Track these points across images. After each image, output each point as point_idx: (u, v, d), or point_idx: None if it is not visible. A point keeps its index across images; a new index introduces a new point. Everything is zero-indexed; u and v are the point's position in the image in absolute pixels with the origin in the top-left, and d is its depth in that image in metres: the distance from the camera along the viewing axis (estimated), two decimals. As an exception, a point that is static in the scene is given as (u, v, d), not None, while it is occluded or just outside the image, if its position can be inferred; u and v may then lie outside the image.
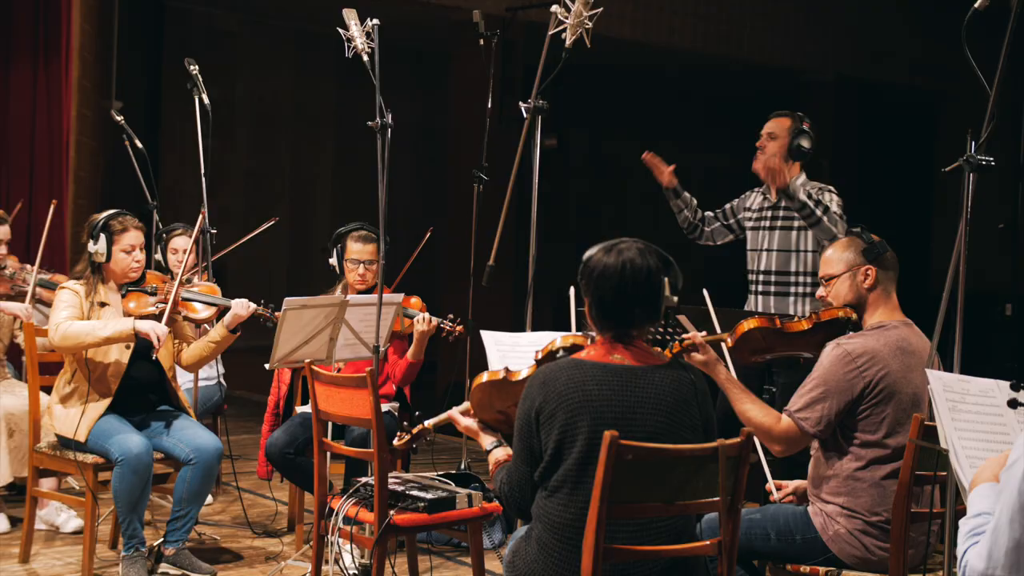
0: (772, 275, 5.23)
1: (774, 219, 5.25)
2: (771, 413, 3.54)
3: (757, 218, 5.32)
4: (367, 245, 5.14)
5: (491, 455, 3.29)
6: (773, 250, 5.22)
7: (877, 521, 3.37)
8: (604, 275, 2.99)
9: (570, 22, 4.24)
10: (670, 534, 2.90)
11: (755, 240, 5.31)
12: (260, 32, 12.76)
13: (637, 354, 2.99)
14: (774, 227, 5.25)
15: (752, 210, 5.36)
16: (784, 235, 5.21)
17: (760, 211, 5.32)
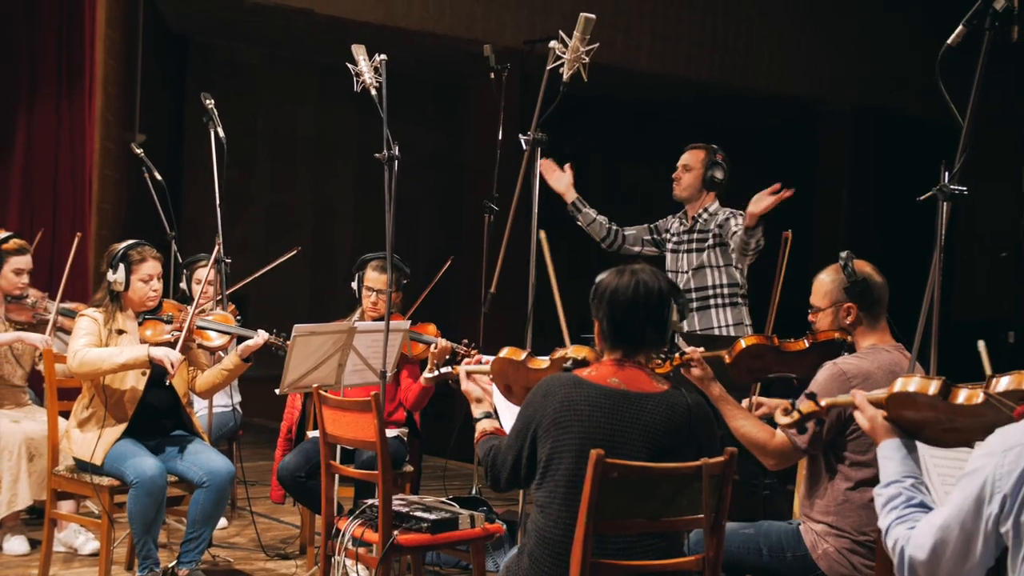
0: (692, 292, 5.44)
1: (689, 242, 5.51)
2: (765, 429, 3.64)
3: (676, 242, 5.59)
4: (383, 275, 5.27)
5: (479, 423, 3.44)
6: (688, 271, 5.47)
7: (865, 540, 3.45)
8: (616, 294, 3.10)
9: (567, 57, 4.37)
10: (657, 550, 2.99)
11: (674, 262, 5.58)
12: (281, 64, 12.97)
13: (638, 379, 3.08)
14: (690, 249, 5.51)
15: (672, 233, 5.63)
16: (697, 255, 5.47)
17: (678, 235, 5.59)
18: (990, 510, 2.07)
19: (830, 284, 3.72)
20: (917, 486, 2.42)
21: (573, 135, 13.64)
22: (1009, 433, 2.10)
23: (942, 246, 2.99)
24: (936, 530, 2.19)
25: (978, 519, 2.10)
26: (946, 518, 2.17)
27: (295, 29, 11.27)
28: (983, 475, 2.10)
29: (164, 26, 11.15)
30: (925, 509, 2.34)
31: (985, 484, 2.09)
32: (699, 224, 5.49)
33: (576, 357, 3.39)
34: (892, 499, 2.41)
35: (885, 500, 2.42)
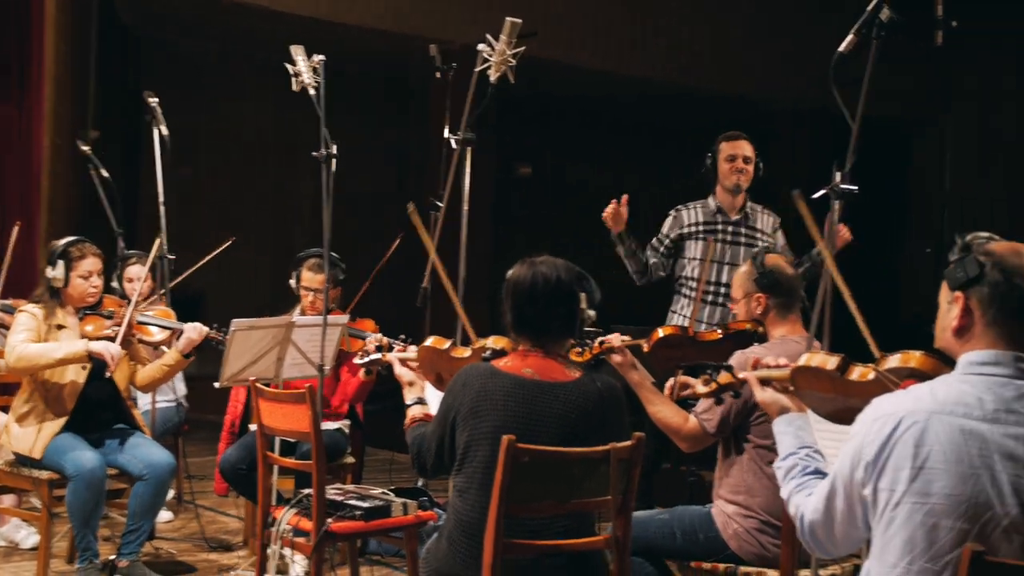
0: (723, 288, 5.34)
1: (738, 235, 5.45)
2: (680, 414, 3.80)
3: (723, 231, 5.44)
4: (318, 274, 5.38)
5: (409, 409, 3.57)
6: (735, 264, 5.29)
7: (772, 520, 3.61)
8: (518, 287, 3.24)
9: (494, 60, 4.50)
10: (567, 531, 3.13)
11: (718, 252, 5.42)
12: (239, 60, 13.01)
13: (551, 368, 3.21)
14: (741, 243, 5.46)
15: (704, 223, 5.46)
16: (746, 251, 5.37)
17: (723, 225, 5.45)
18: (858, 475, 2.23)
19: (743, 276, 3.90)
20: (812, 455, 2.57)
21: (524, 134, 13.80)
22: (880, 403, 2.24)
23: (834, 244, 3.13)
24: (825, 494, 2.34)
25: (852, 484, 2.25)
26: (831, 482, 2.32)
27: (249, 26, 11.33)
28: (855, 442, 2.25)
29: (118, 21, 11.17)
30: (821, 475, 2.48)
31: (856, 451, 2.23)
32: (751, 221, 5.46)
33: (495, 347, 3.53)
34: (790, 470, 2.56)
35: (784, 472, 2.57)
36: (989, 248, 2.26)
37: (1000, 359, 2.20)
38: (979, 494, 2.10)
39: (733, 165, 5.43)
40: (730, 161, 5.44)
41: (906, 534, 2.14)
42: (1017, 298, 2.20)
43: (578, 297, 3.25)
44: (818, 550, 2.43)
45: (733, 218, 5.47)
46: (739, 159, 5.44)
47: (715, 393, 3.05)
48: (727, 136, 5.53)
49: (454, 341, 3.87)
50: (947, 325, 2.30)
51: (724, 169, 5.45)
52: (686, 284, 5.46)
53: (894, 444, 2.17)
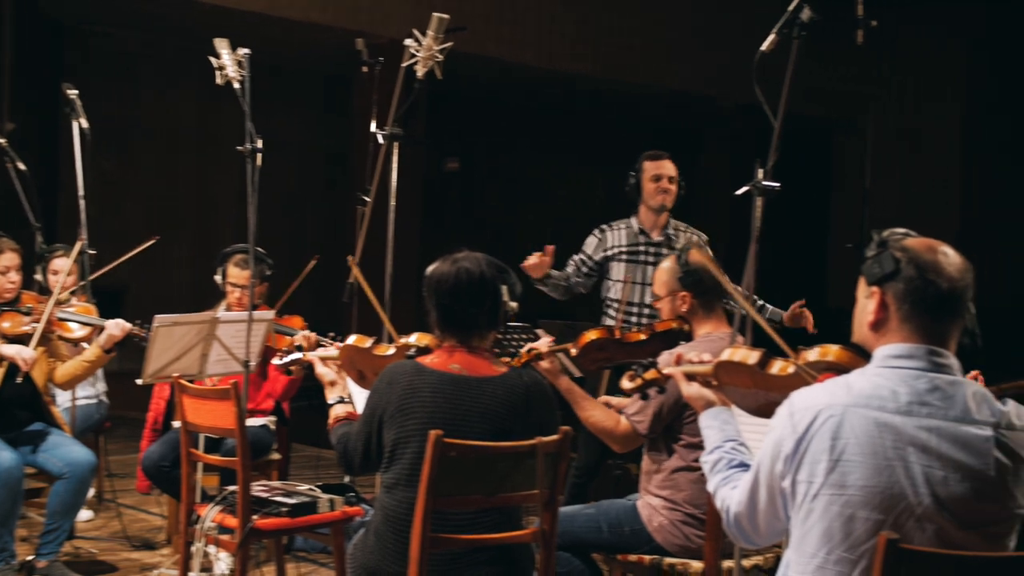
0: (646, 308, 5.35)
1: (658, 256, 5.41)
2: (612, 416, 3.84)
3: (645, 252, 5.45)
4: (244, 270, 5.34)
5: (332, 409, 3.55)
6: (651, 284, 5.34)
7: (697, 513, 3.67)
8: (441, 282, 3.25)
9: (421, 55, 4.50)
10: (495, 525, 3.14)
11: (640, 274, 5.41)
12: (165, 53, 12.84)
13: (477, 363, 3.23)
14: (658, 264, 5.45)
15: (627, 245, 5.47)
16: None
17: (645, 246, 5.46)
18: (778, 468, 2.27)
19: (667, 274, 3.94)
20: (737, 448, 2.61)
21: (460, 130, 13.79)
22: (798, 397, 2.29)
23: (758, 237, 3.19)
24: (748, 487, 2.38)
25: (773, 476, 2.29)
26: (754, 475, 2.36)
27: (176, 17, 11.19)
28: (774, 435, 2.29)
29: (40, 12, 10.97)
30: (746, 468, 2.52)
31: (775, 444, 2.28)
32: (673, 241, 5.45)
33: (419, 345, 3.53)
34: (716, 463, 2.59)
35: (711, 466, 2.61)
36: (905, 244, 2.32)
37: (914, 352, 2.25)
38: (893, 485, 2.15)
39: (658, 185, 5.43)
40: (655, 181, 5.44)
41: (824, 525, 2.19)
42: (931, 293, 2.25)
43: (500, 290, 3.27)
44: (743, 541, 2.48)
45: (655, 239, 5.47)
46: (664, 179, 5.44)
47: (640, 389, 3.09)
48: (650, 156, 5.51)
49: (377, 339, 3.86)
50: (864, 319, 2.35)
51: (649, 189, 5.44)
52: (611, 306, 5.49)
53: (811, 437, 2.22)
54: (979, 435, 2.17)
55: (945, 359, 2.25)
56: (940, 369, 2.24)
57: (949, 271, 2.26)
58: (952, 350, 2.28)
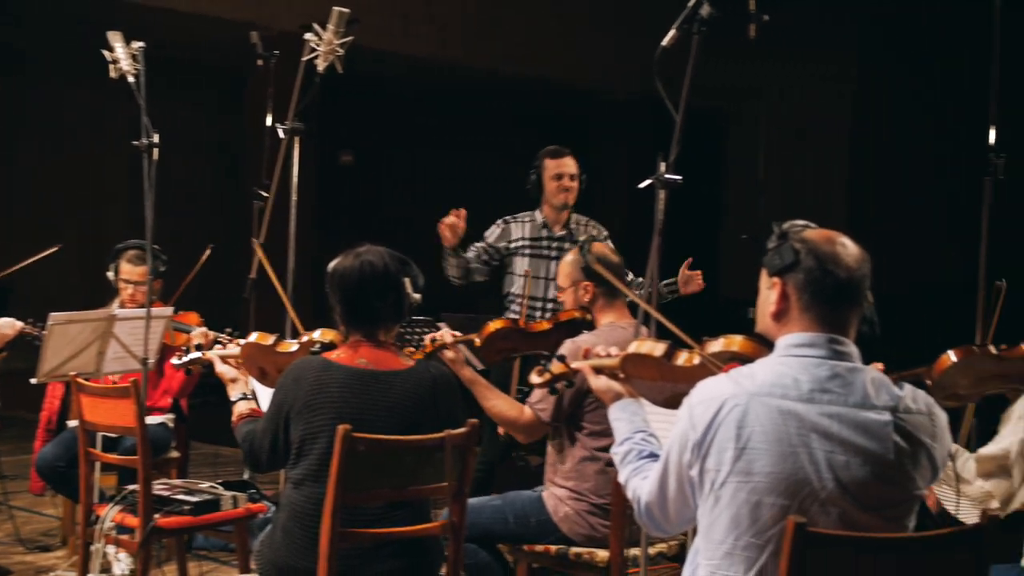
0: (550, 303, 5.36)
1: (560, 250, 5.40)
2: (516, 406, 3.88)
3: (547, 247, 5.46)
4: (138, 267, 5.25)
5: (236, 406, 3.52)
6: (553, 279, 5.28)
7: (601, 503, 3.72)
8: (345, 277, 3.24)
9: (322, 49, 4.48)
10: (404, 518, 3.15)
11: (542, 268, 5.41)
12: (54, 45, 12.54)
13: (383, 357, 3.23)
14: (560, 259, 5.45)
15: (529, 239, 5.46)
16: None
17: (548, 240, 5.46)
18: (686, 457, 2.32)
19: (570, 265, 3.98)
20: (646, 439, 2.65)
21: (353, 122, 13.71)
22: (703, 387, 2.34)
23: (661, 230, 3.24)
24: (658, 476, 2.43)
25: (681, 465, 2.34)
26: (663, 465, 2.41)
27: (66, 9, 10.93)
28: (681, 425, 2.34)
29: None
30: (656, 458, 2.56)
31: (682, 434, 2.32)
32: (576, 235, 5.43)
33: (323, 341, 3.52)
34: (626, 455, 2.63)
35: (621, 457, 2.65)
36: (804, 236, 2.38)
37: (815, 341, 2.32)
38: (798, 471, 2.21)
39: (559, 184, 5.40)
40: (556, 179, 5.41)
41: (731, 512, 2.24)
42: (830, 283, 2.31)
43: (404, 283, 3.28)
44: (655, 529, 2.52)
45: (558, 233, 5.47)
46: (565, 177, 5.41)
47: (549, 383, 3.12)
48: (551, 153, 5.48)
49: (280, 335, 3.82)
50: (766, 310, 2.41)
51: (551, 188, 5.42)
52: (515, 300, 5.50)
53: (718, 426, 2.26)
54: (878, 420, 2.24)
55: (845, 347, 2.32)
56: (840, 357, 2.30)
57: (847, 261, 2.32)
58: (852, 338, 2.34)
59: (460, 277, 5.47)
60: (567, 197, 5.41)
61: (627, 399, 2.76)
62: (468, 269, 5.45)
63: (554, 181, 5.42)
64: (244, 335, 5.37)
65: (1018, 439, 2.87)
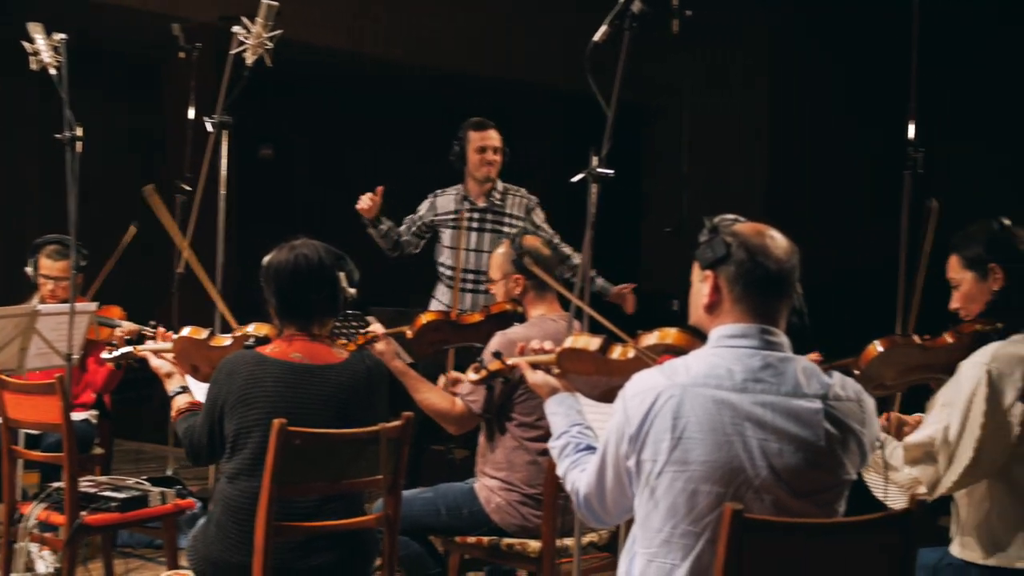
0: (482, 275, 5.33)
1: (491, 222, 5.47)
2: (447, 398, 3.89)
3: (470, 219, 5.46)
4: (58, 262, 5.18)
5: (175, 400, 3.49)
6: (488, 250, 5.35)
7: (533, 493, 3.76)
8: (280, 271, 3.24)
9: (251, 42, 4.45)
10: (339, 511, 3.16)
11: (462, 240, 5.42)
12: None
13: (318, 351, 3.23)
14: (492, 229, 5.48)
15: (452, 212, 5.49)
16: (496, 237, 5.41)
17: (471, 213, 5.46)
18: (623, 449, 2.36)
19: (501, 257, 4.01)
20: (583, 432, 2.69)
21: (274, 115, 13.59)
22: (639, 379, 2.38)
23: (593, 223, 3.29)
24: (595, 469, 2.47)
25: (618, 457, 2.38)
26: (600, 457, 2.45)
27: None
28: (617, 418, 2.38)
29: None
30: (593, 451, 2.60)
31: (619, 426, 2.37)
32: (500, 206, 5.46)
33: (258, 335, 3.51)
34: (564, 448, 2.67)
35: (559, 451, 2.68)
36: (734, 229, 2.43)
37: (747, 332, 2.37)
38: (733, 459, 2.26)
39: (483, 157, 5.42)
40: (479, 152, 5.43)
41: (668, 501, 2.29)
42: (760, 275, 2.37)
43: (338, 277, 3.28)
44: (594, 521, 2.56)
45: (480, 205, 5.49)
46: (488, 150, 5.43)
47: (486, 380, 3.15)
48: (474, 124, 5.49)
49: (212, 330, 3.80)
50: (699, 302, 2.46)
51: (474, 160, 5.44)
52: (444, 272, 5.53)
53: (654, 417, 2.31)
54: (809, 408, 2.30)
55: (776, 337, 2.38)
56: (772, 347, 2.36)
57: (777, 253, 2.38)
58: (782, 328, 2.40)
59: (390, 249, 5.54)
60: (489, 170, 5.44)
61: (563, 393, 2.80)
62: (397, 242, 5.51)
63: (477, 154, 5.44)
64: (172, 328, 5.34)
65: (943, 426, 2.96)
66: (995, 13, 8.33)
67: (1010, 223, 3.11)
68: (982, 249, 3.10)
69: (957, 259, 3.15)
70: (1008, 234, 3.09)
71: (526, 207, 5.54)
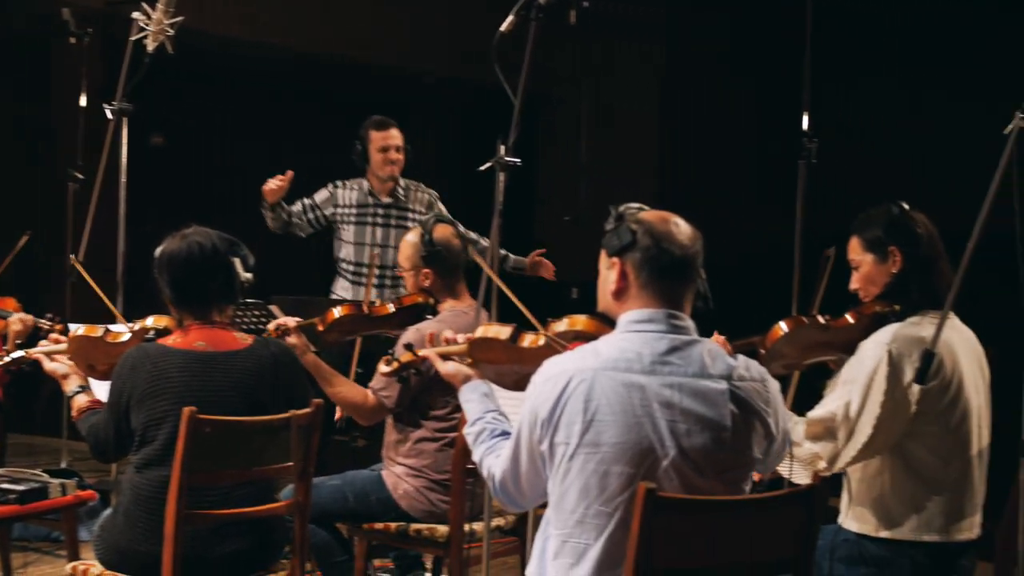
0: (388, 270, 5.39)
1: (395, 217, 5.45)
2: (360, 391, 3.91)
3: (374, 215, 5.46)
4: None
5: (74, 400, 3.42)
6: (394, 245, 5.32)
7: (441, 479, 3.80)
8: (173, 259, 3.22)
9: (151, 29, 4.40)
10: (249, 499, 3.16)
11: (368, 236, 5.43)
12: None
13: (220, 338, 3.22)
14: (397, 225, 5.47)
15: (357, 205, 5.48)
16: (399, 233, 5.34)
17: (374, 208, 5.46)
18: (536, 433, 2.41)
19: (410, 248, 4.03)
20: (497, 418, 2.74)
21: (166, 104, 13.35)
22: (551, 365, 2.44)
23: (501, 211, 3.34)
24: (510, 453, 2.52)
25: (532, 441, 2.44)
26: (515, 442, 2.50)
27: None
28: (530, 403, 2.43)
29: None
30: (508, 436, 2.64)
31: (532, 410, 2.42)
32: (403, 201, 5.45)
33: (157, 327, 3.47)
34: (479, 434, 2.71)
35: (474, 437, 2.72)
36: (640, 217, 2.50)
37: (654, 316, 2.44)
38: (643, 440, 2.33)
39: (385, 156, 5.40)
40: (382, 152, 5.41)
41: (581, 482, 2.35)
42: (666, 261, 2.44)
43: (233, 263, 3.27)
44: (511, 505, 2.61)
45: (384, 201, 5.48)
46: (391, 149, 5.42)
47: (397, 372, 3.18)
48: (376, 124, 5.46)
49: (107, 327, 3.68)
50: (607, 289, 2.53)
51: (377, 160, 5.42)
52: (346, 267, 5.52)
53: (566, 401, 2.37)
54: (715, 388, 2.38)
55: (682, 321, 2.45)
56: (678, 331, 2.44)
57: (681, 239, 2.46)
58: (688, 312, 2.48)
59: (279, 230, 5.51)
60: (393, 169, 5.43)
61: (477, 380, 2.84)
62: (287, 223, 5.47)
63: (380, 153, 5.43)
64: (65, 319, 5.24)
65: (843, 403, 3.07)
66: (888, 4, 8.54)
67: (908, 207, 3.22)
68: (881, 232, 3.20)
69: (858, 241, 3.25)
70: (907, 218, 3.20)
71: (428, 202, 5.56)
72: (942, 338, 2.97)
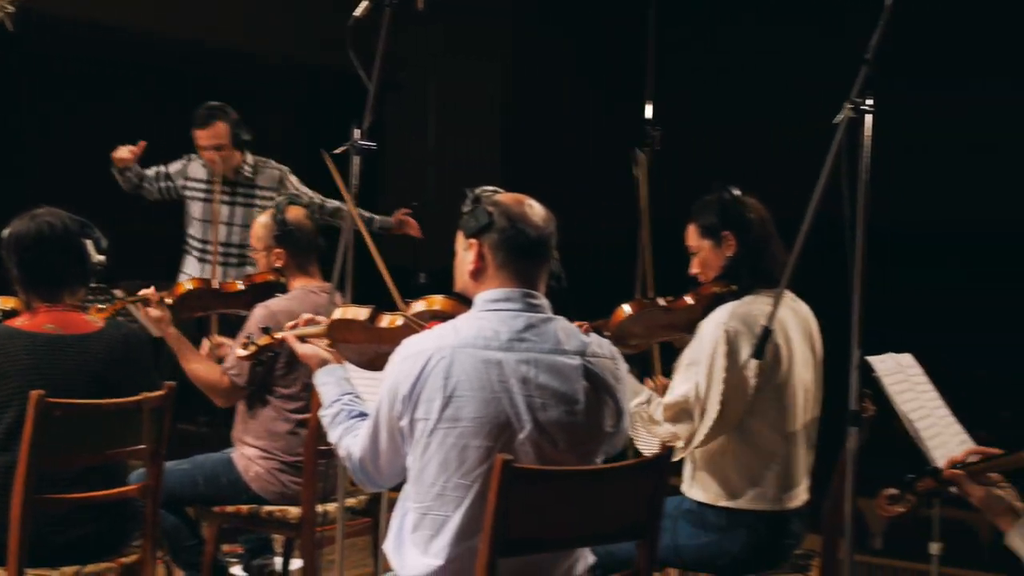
0: (236, 248, 5.34)
1: (233, 195, 5.35)
2: (215, 369, 3.90)
3: (206, 192, 5.35)
4: None
5: None
6: (239, 224, 5.31)
7: (293, 461, 3.81)
8: (21, 239, 3.16)
9: (-7, 7, 4.28)
10: (100, 481, 3.12)
11: (210, 213, 5.31)
12: None
13: (71, 320, 3.16)
14: (242, 204, 5.37)
15: (202, 181, 5.37)
16: (247, 211, 5.32)
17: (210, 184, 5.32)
18: (396, 409, 2.46)
19: (262, 229, 4.04)
20: (354, 400, 2.77)
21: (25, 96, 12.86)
22: (410, 343, 2.49)
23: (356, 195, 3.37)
24: (369, 432, 2.56)
25: (391, 418, 2.48)
26: (374, 421, 2.54)
27: None
28: (390, 381, 2.48)
29: None
30: (365, 417, 2.68)
31: (392, 388, 2.47)
32: (250, 179, 5.33)
33: (4, 308, 3.41)
34: (336, 416, 2.74)
35: (331, 419, 2.74)
36: (496, 199, 2.58)
37: (511, 295, 2.52)
38: (500, 414, 2.40)
39: (208, 155, 5.26)
40: (203, 149, 5.28)
41: (440, 456, 2.41)
42: (521, 241, 2.52)
43: (85, 244, 3.23)
44: (369, 484, 2.66)
45: (230, 178, 5.36)
46: (209, 149, 5.25)
47: (255, 356, 3.18)
48: (196, 121, 5.29)
49: None
50: (464, 269, 2.59)
51: (205, 157, 5.30)
52: (192, 244, 5.44)
53: (426, 378, 2.42)
54: (569, 364, 2.47)
55: (538, 300, 2.54)
56: (534, 309, 2.52)
57: (535, 220, 2.54)
58: (543, 291, 2.56)
59: (131, 189, 5.42)
60: (217, 167, 5.26)
61: (333, 364, 2.87)
62: (137, 184, 5.38)
63: (202, 150, 5.30)
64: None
65: (693, 384, 3.20)
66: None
67: (740, 192, 3.37)
68: (715, 218, 3.35)
69: (695, 228, 3.40)
70: (738, 204, 3.35)
71: (279, 179, 5.49)
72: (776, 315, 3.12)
